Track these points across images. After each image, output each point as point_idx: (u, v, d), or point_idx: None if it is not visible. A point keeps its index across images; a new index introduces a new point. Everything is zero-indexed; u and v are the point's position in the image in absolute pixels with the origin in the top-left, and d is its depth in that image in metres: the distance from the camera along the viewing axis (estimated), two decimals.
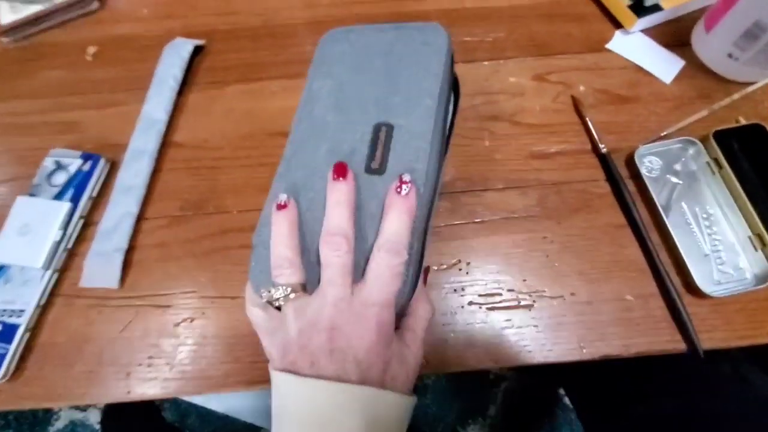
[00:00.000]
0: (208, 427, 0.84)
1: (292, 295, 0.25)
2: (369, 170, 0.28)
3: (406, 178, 0.26)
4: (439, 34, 0.32)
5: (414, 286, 0.26)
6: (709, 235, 0.35)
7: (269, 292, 0.26)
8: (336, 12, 0.45)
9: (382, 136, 0.29)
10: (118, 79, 0.42)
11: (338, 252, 0.24)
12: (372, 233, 0.26)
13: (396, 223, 0.25)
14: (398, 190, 0.25)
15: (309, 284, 0.26)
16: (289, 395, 0.23)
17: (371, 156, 0.29)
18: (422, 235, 0.27)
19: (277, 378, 0.23)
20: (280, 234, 0.26)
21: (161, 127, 0.39)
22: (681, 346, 0.31)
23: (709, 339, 0.31)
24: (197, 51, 0.43)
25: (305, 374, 0.22)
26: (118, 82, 0.42)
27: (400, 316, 0.26)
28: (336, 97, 0.32)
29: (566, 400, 0.81)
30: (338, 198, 0.26)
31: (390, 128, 0.29)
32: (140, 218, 0.36)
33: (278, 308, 0.26)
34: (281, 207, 0.27)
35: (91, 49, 0.44)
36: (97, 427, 0.86)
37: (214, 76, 0.43)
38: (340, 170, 0.26)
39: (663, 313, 0.32)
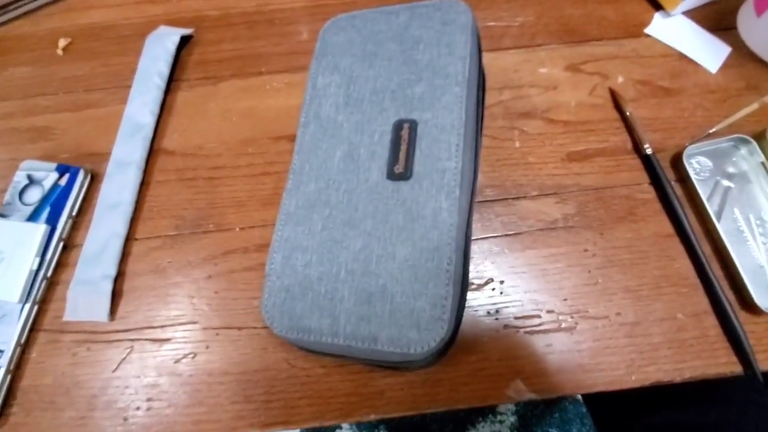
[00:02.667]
0: None
1: None
2: (392, 176, 0.24)
3: None
4: (460, 11, 0.28)
5: (458, 311, 0.22)
6: (764, 244, 0.32)
7: None
8: None
9: (404, 135, 0.25)
10: (95, 75, 0.37)
11: None
12: (401, 249, 0.22)
13: None
14: None
15: (330, 317, 0.22)
16: None
17: (394, 159, 0.25)
18: (463, 246, 0.23)
19: None
20: None
21: (148, 132, 0.34)
22: (738, 368, 0.29)
23: (767, 359, 0.29)
24: (185, 41, 0.38)
25: None
26: (94, 80, 0.37)
27: (445, 350, 0.23)
28: (346, 93, 0.28)
29: (578, 395, 0.80)
30: None
31: (413, 124, 0.25)
32: (129, 239, 0.32)
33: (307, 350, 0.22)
34: None
35: (62, 42, 0.39)
36: None
37: (206, 70, 0.38)
38: None
39: (717, 332, 0.30)
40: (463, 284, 0.23)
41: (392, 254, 0.23)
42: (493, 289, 0.31)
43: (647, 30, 0.38)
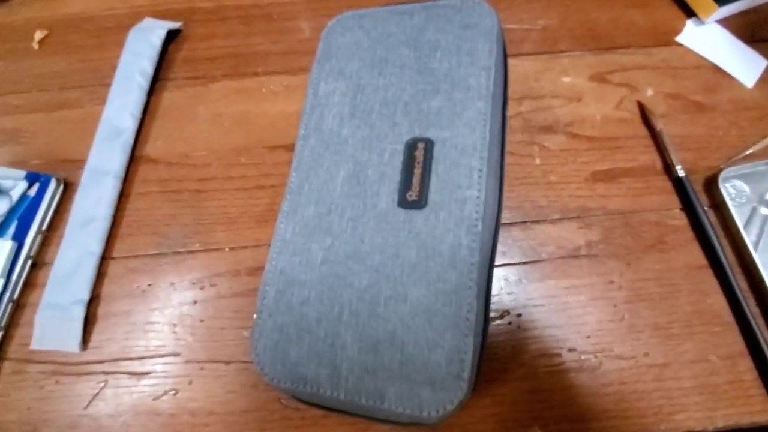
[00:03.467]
0: None
1: None
2: (404, 203, 0.21)
3: None
4: (484, 13, 0.24)
5: (479, 366, 0.20)
6: None
7: None
8: None
9: (419, 156, 0.22)
10: (72, 72, 0.34)
11: None
12: (413, 290, 0.19)
13: None
14: None
15: (330, 366, 0.19)
16: None
17: (407, 184, 0.22)
18: (485, 289, 0.20)
19: None
20: None
21: (128, 137, 0.30)
22: None
23: None
24: (172, 36, 0.34)
25: None
26: (71, 77, 0.33)
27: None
28: (352, 103, 0.24)
29: None
30: None
31: (429, 144, 0.22)
32: (105, 258, 0.29)
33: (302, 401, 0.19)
34: None
35: (38, 35, 0.35)
36: None
37: (196, 69, 0.34)
38: None
39: (753, 377, 0.27)
40: (484, 333, 0.20)
41: (403, 295, 0.20)
42: (510, 323, 0.28)
43: (678, 38, 0.35)
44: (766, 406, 0.26)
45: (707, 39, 0.35)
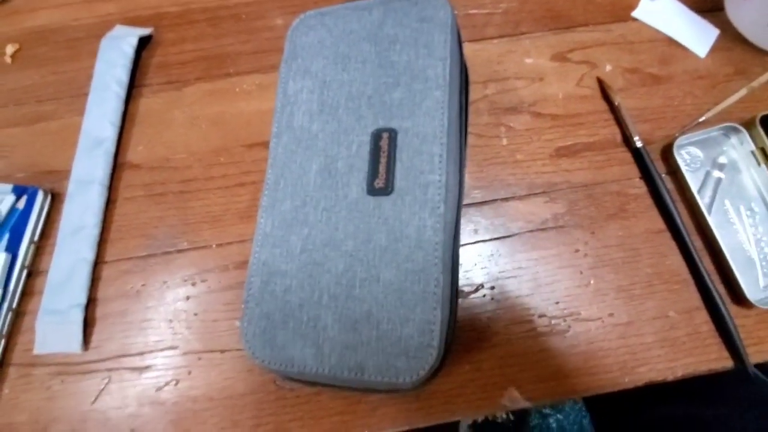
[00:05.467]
0: None
1: None
2: (373, 191, 0.23)
3: None
4: (438, 5, 0.26)
5: (448, 335, 0.21)
6: (754, 235, 0.31)
7: None
8: None
9: (384, 145, 0.23)
10: (46, 84, 0.34)
11: None
12: (385, 271, 0.21)
13: None
14: None
15: (314, 346, 0.21)
16: None
17: (374, 172, 0.23)
18: (450, 265, 0.22)
19: None
20: None
21: (109, 146, 0.31)
22: (729, 363, 0.29)
23: (757, 352, 0.29)
24: (144, 42, 0.35)
25: None
26: (45, 89, 0.34)
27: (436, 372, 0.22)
28: (319, 99, 0.26)
29: None
30: None
31: (393, 133, 0.23)
32: (98, 263, 0.30)
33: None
34: None
35: (10, 48, 0.35)
36: None
37: (169, 74, 0.35)
38: None
39: (709, 328, 0.29)
40: (452, 305, 0.22)
41: (376, 277, 0.21)
42: (484, 296, 0.30)
43: (634, 13, 0.36)
44: (721, 354, 0.29)
45: (661, 12, 0.36)
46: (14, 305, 0.29)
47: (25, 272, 0.30)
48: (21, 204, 0.30)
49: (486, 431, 0.58)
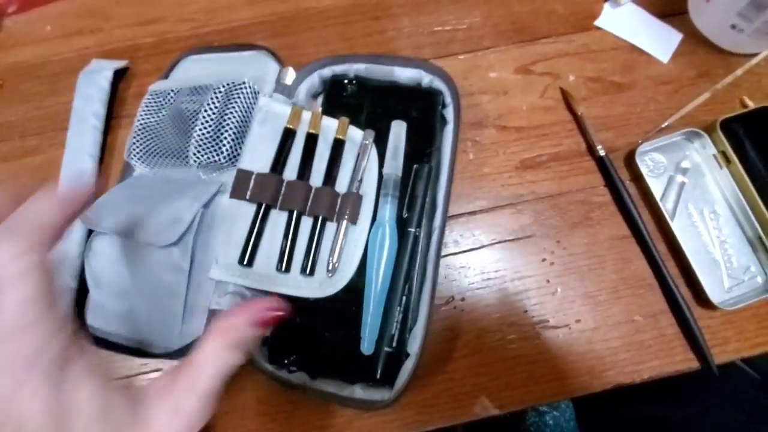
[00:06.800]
0: None
1: None
2: None
3: None
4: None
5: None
6: (718, 237, 0.32)
7: None
8: (282, 8, 0.38)
9: None
10: (29, 120, 0.35)
11: None
12: None
13: None
14: None
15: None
16: None
17: None
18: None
19: None
20: None
21: (90, 178, 0.33)
22: (694, 364, 0.30)
23: (722, 352, 0.30)
24: (121, 74, 0.36)
25: None
26: (29, 124, 0.35)
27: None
28: None
29: None
30: None
31: None
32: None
33: None
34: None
35: None
36: None
37: None
38: None
39: (674, 331, 0.30)
40: (427, 321, 0.23)
41: None
42: (455, 308, 0.31)
43: (597, 22, 0.37)
44: (687, 356, 0.30)
45: (624, 20, 0.37)
46: None
47: None
48: None
49: (483, 429, 0.60)
